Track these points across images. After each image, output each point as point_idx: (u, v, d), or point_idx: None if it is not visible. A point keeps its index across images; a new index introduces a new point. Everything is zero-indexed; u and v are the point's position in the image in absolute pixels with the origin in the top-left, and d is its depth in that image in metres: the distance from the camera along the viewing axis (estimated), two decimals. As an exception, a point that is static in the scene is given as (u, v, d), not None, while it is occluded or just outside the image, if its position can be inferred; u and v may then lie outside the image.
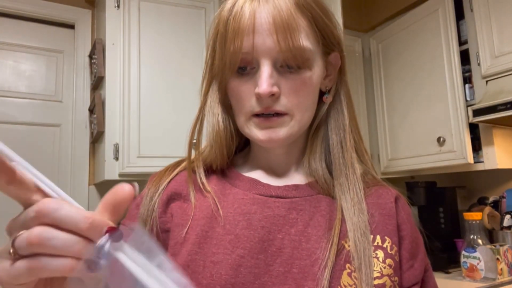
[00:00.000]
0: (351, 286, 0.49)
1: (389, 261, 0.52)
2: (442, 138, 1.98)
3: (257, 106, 0.52)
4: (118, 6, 1.84)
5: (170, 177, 0.59)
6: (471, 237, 1.67)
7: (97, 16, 2.15)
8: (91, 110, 2.04)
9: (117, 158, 1.75)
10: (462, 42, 1.96)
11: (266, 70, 0.50)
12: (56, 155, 2.01)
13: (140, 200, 0.58)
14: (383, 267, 0.52)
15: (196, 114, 0.59)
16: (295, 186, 0.56)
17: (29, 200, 0.30)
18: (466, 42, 1.95)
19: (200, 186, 0.57)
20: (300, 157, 0.60)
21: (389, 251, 0.53)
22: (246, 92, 0.52)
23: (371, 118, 2.46)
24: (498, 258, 1.60)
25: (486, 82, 1.83)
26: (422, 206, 2.15)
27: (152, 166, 1.74)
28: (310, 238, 0.52)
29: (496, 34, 1.78)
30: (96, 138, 1.98)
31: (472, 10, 1.89)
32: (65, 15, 2.10)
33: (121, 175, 1.75)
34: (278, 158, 0.59)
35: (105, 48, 1.85)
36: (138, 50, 1.84)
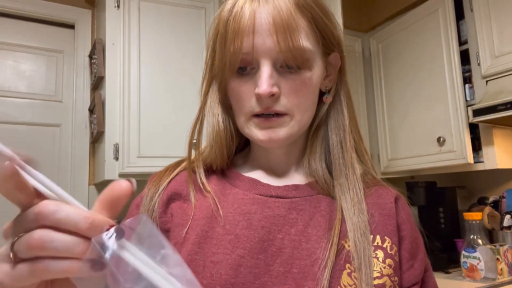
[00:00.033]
0: (351, 286, 0.49)
1: (389, 261, 0.52)
2: (442, 138, 1.98)
3: (257, 107, 0.52)
4: (118, 6, 1.84)
5: (170, 177, 0.59)
6: (471, 237, 1.67)
7: (97, 16, 2.15)
8: (91, 110, 2.04)
9: (117, 158, 1.75)
10: (462, 42, 1.96)
11: (266, 70, 0.50)
12: (56, 155, 2.02)
13: (140, 200, 0.58)
14: (383, 267, 0.52)
15: (196, 114, 0.59)
16: (295, 186, 0.56)
17: (29, 204, 0.29)
18: (466, 42, 1.95)
19: (200, 186, 0.57)
20: (300, 157, 0.60)
21: (389, 251, 0.53)
22: (246, 92, 0.52)
23: (371, 118, 2.46)
24: (498, 258, 1.60)
25: (486, 82, 1.83)
26: (422, 206, 2.15)
27: (152, 166, 1.74)
28: (310, 238, 0.52)
29: (496, 34, 1.78)
30: (96, 138, 1.98)
31: (472, 10, 1.89)
32: (65, 15, 2.10)
33: (121, 175, 1.75)
34: (278, 158, 0.59)
35: (105, 48, 1.85)
36: (138, 50, 1.84)
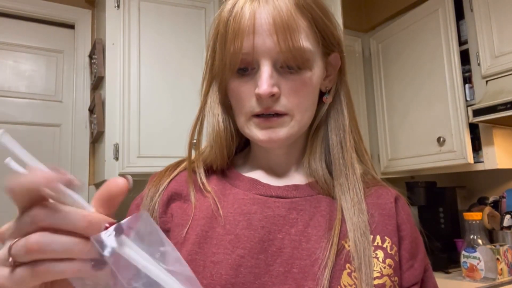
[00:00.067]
0: (351, 286, 0.49)
1: (389, 261, 0.52)
2: (442, 138, 1.98)
3: (257, 107, 0.52)
4: (118, 6, 1.84)
5: (171, 177, 0.59)
6: (471, 237, 1.67)
7: (97, 16, 2.15)
8: (91, 110, 2.04)
9: (117, 158, 1.75)
10: (462, 42, 1.96)
11: (266, 70, 0.50)
12: (56, 155, 2.01)
13: (140, 200, 0.58)
14: (383, 267, 0.52)
15: (196, 115, 0.59)
16: (295, 186, 0.56)
17: (29, 205, 0.28)
18: (466, 42, 1.94)
19: (200, 186, 0.57)
20: (300, 157, 0.60)
21: (389, 251, 0.53)
22: (246, 92, 0.52)
23: (371, 118, 2.46)
24: (498, 258, 1.60)
25: (486, 82, 1.83)
26: (422, 206, 2.14)
27: (152, 166, 1.74)
28: (310, 238, 0.52)
29: (496, 34, 1.78)
30: (96, 138, 1.98)
31: (472, 10, 1.89)
32: (65, 15, 2.10)
33: (121, 175, 1.74)
34: (278, 158, 0.59)
35: (105, 48, 1.85)
36: (138, 50, 1.84)
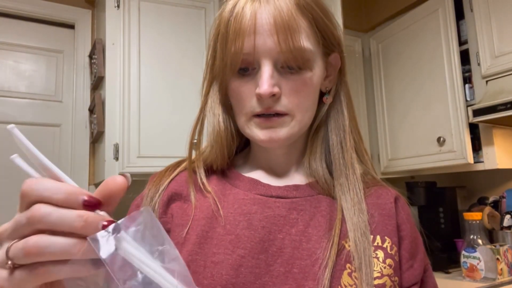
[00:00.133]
0: (352, 286, 0.49)
1: (389, 261, 0.52)
2: (442, 138, 1.98)
3: (257, 107, 0.52)
4: (118, 6, 1.84)
5: (171, 177, 0.59)
6: (471, 237, 1.67)
7: (97, 16, 2.15)
8: (91, 110, 2.04)
9: (117, 158, 1.75)
10: (462, 42, 1.96)
11: (267, 70, 0.50)
12: (56, 155, 2.01)
13: (140, 200, 0.58)
14: (383, 267, 0.52)
15: (197, 115, 0.59)
16: (296, 186, 0.56)
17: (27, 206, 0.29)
18: (466, 42, 1.94)
19: (200, 187, 0.57)
20: (300, 157, 0.60)
21: (389, 251, 0.53)
22: (246, 92, 0.52)
23: (371, 118, 2.46)
24: (498, 258, 1.60)
25: (486, 82, 1.83)
26: (422, 206, 2.14)
27: (152, 166, 1.74)
28: (310, 238, 0.52)
29: (496, 34, 1.78)
30: (96, 138, 1.98)
31: (472, 10, 1.89)
32: (65, 15, 2.10)
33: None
34: (278, 159, 0.59)
35: (105, 48, 1.85)
36: (138, 50, 1.84)
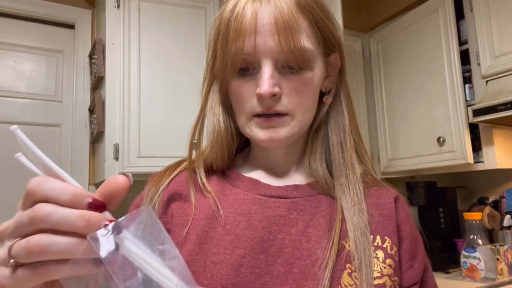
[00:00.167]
0: (352, 286, 0.49)
1: (389, 261, 0.52)
2: (442, 138, 1.98)
3: (258, 107, 0.52)
4: (118, 6, 1.84)
5: (171, 177, 0.59)
6: (471, 237, 1.67)
7: (97, 16, 2.15)
8: (91, 110, 2.04)
9: (117, 158, 1.75)
10: (462, 42, 1.96)
11: (267, 70, 0.50)
12: (56, 155, 2.01)
13: (140, 200, 0.58)
14: (383, 267, 0.52)
15: (197, 115, 0.59)
16: (296, 187, 0.56)
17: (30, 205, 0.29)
18: (466, 42, 1.95)
19: (200, 187, 0.57)
20: (300, 157, 0.60)
21: (389, 251, 0.53)
22: (247, 92, 0.52)
23: (371, 118, 2.46)
24: (498, 258, 1.60)
25: (486, 82, 1.83)
26: (422, 206, 2.15)
27: (152, 166, 1.74)
28: (310, 238, 0.52)
29: (496, 34, 1.78)
30: (96, 138, 1.98)
31: (472, 10, 1.89)
32: (65, 15, 2.10)
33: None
34: (278, 159, 0.59)
35: (105, 48, 1.85)
36: (138, 50, 1.84)
